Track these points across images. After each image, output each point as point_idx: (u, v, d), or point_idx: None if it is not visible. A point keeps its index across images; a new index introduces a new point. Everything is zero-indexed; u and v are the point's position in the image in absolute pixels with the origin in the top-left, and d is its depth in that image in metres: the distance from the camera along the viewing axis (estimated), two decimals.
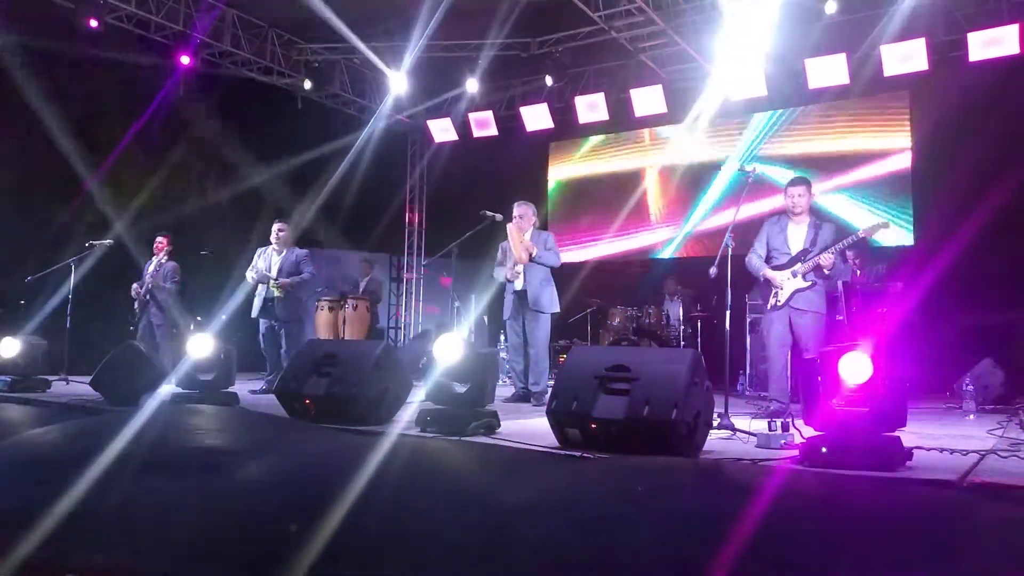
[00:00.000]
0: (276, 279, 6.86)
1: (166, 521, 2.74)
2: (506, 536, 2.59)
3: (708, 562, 2.50)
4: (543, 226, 8.38)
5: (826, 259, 5.18)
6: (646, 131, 10.70)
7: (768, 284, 5.41)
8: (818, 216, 5.54)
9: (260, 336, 7.00)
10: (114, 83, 8.51)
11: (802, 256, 5.31)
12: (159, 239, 7.70)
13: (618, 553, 2.64)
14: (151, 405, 4.90)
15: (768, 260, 5.45)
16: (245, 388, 5.64)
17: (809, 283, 5.27)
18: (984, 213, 7.68)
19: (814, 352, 5.02)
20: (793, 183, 5.48)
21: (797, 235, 5.40)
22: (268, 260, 7.05)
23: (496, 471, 3.40)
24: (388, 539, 2.59)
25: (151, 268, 7.59)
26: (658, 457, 3.22)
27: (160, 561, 2.48)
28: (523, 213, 6.39)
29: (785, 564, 2.55)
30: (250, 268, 7.05)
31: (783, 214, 5.51)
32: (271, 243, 7.09)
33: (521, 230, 6.33)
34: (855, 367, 3.04)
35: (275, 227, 7.10)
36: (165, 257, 7.57)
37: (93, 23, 8.22)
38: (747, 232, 5.69)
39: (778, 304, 5.35)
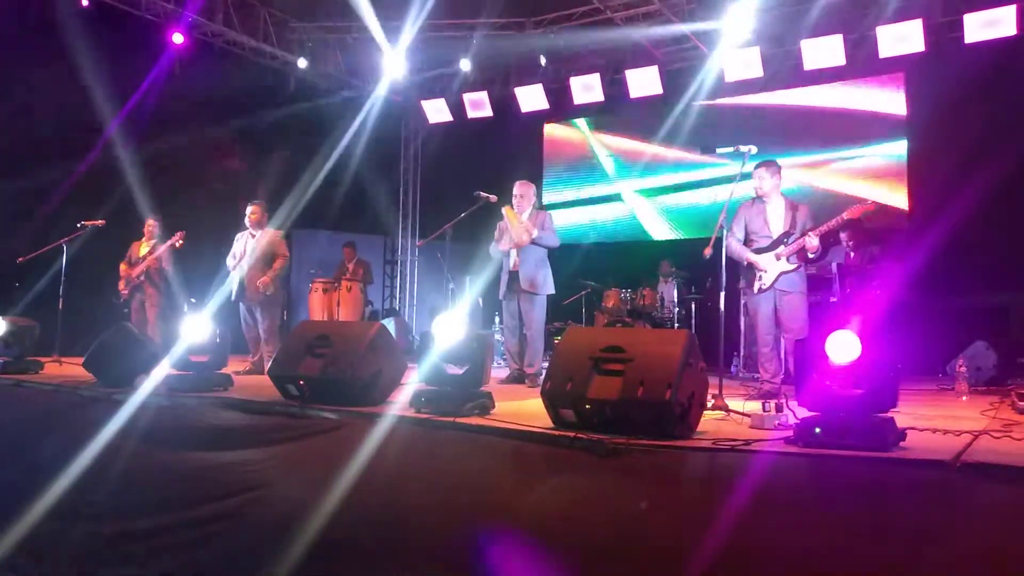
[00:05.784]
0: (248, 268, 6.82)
1: None
2: None
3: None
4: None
5: (811, 243, 5.17)
6: None
7: (751, 268, 5.41)
8: (792, 198, 5.56)
9: (241, 319, 6.99)
10: (105, 62, 8.42)
11: (784, 238, 5.31)
12: (149, 222, 7.66)
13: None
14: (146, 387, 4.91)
15: (747, 243, 5.45)
16: (231, 370, 5.62)
17: (794, 266, 5.28)
18: (978, 195, 7.68)
19: (800, 332, 5.05)
20: (757, 164, 5.48)
21: (776, 217, 5.40)
22: (245, 243, 7.00)
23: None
24: None
25: (145, 250, 7.55)
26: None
27: None
28: (523, 192, 6.35)
29: (777, 546, 2.57)
30: (230, 255, 7.02)
31: (758, 197, 5.51)
32: (246, 226, 7.06)
33: (520, 210, 6.30)
34: (842, 347, 3.06)
35: (248, 209, 7.04)
36: (159, 240, 7.54)
37: (84, 1, 8.14)
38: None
39: (763, 287, 5.35)
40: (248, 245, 6.96)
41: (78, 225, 7.48)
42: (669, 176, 10.53)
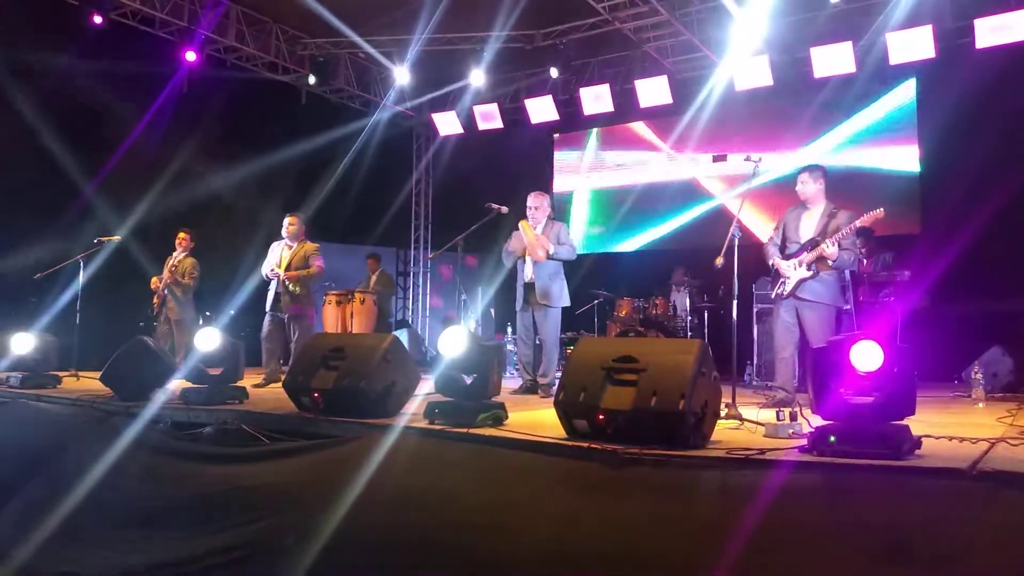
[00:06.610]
0: (283, 272, 6.88)
1: None
2: None
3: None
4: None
5: (828, 249, 5.14)
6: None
7: (777, 273, 5.42)
8: (835, 204, 5.42)
9: (263, 329, 7.02)
10: (120, 78, 8.52)
11: (809, 245, 5.29)
12: (181, 234, 7.75)
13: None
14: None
15: (783, 250, 5.44)
16: (247, 383, 5.65)
17: (811, 272, 5.24)
18: (992, 201, 7.64)
19: (823, 343, 5.01)
20: (801, 169, 5.48)
21: (808, 224, 5.38)
22: (279, 253, 7.07)
23: None
24: None
25: (171, 263, 7.66)
26: None
27: None
28: (538, 204, 6.38)
29: (791, 555, 2.56)
30: (266, 263, 7.08)
31: (803, 203, 5.49)
32: (283, 237, 7.11)
33: (535, 221, 6.32)
34: (866, 355, 3.04)
35: (285, 221, 7.12)
36: (184, 253, 7.63)
37: (97, 19, 8.25)
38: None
39: (783, 293, 5.34)
40: (283, 255, 7.03)
41: (94, 241, 7.57)
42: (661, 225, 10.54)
